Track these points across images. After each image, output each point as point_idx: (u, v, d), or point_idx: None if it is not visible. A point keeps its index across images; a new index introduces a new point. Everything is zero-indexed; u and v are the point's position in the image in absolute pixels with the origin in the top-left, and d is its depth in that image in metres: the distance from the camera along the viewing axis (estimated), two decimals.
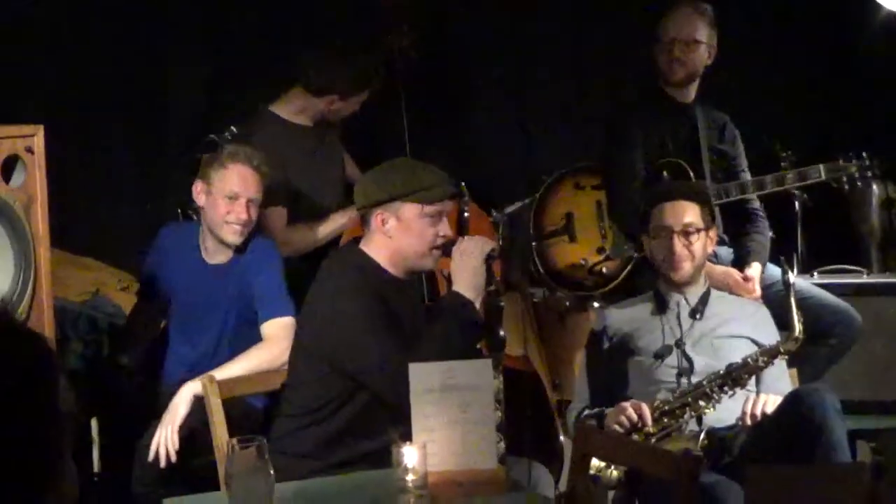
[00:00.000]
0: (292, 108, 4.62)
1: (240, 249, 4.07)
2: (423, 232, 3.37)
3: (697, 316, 3.85)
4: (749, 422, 3.57)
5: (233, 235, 4.02)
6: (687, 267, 3.86)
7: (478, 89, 5.59)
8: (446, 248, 3.42)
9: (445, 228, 3.40)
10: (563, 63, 5.61)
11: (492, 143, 5.61)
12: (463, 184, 3.75)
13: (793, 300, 3.75)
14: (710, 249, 3.97)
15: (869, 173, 4.60)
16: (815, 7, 5.56)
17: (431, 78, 5.24)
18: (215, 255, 4.10)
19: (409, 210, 3.36)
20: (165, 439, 3.70)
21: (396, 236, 3.38)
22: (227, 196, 3.99)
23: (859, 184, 4.62)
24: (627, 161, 4.53)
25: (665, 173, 4.53)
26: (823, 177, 4.56)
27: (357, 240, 3.49)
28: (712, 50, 4.57)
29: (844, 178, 4.57)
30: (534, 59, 5.61)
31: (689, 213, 3.87)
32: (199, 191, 4.05)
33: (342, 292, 3.34)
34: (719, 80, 4.69)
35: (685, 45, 4.52)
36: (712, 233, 3.94)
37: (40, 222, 3.53)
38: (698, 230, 3.86)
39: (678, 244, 3.84)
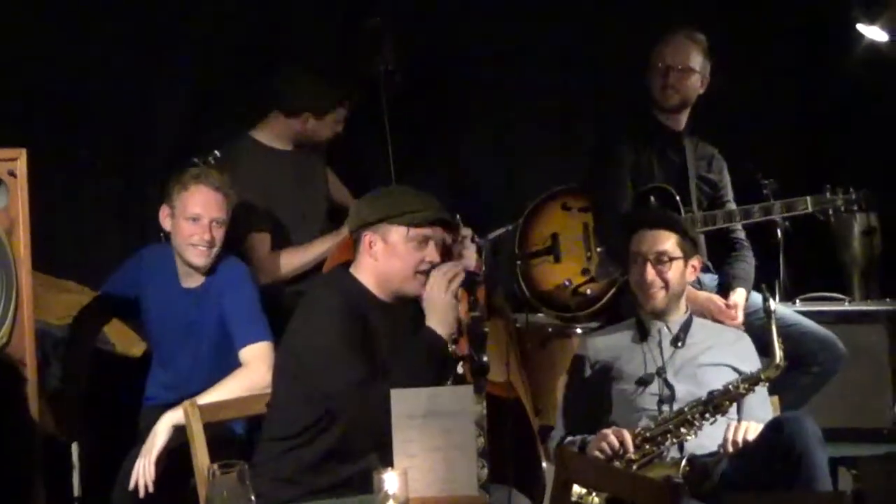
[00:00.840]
0: (271, 133, 4.62)
1: (211, 272, 4.06)
2: (408, 256, 3.38)
3: (679, 344, 3.85)
4: (731, 449, 3.57)
5: (198, 258, 4.01)
6: (660, 296, 3.87)
7: (463, 113, 5.59)
8: None
9: (432, 254, 3.41)
10: (550, 87, 5.62)
11: (476, 167, 5.61)
12: (458, 217, 3.76)
13: (774, 327, 3.76)
14: (691, 278, 3.98)
15: (854, 207, 4.60)
16: (799, 36, 5.60)
17: (416, 101, 5.24)
18: (188, 279, 4.09)
19: (395, 233, 3.38)
20: (144, 470, 3.69)
21: (382, 259, 3.39)
22: (190, 218, 3.97)
23: (843, 216, 4.64)
24: (616, 183, 4.55)
25: (652, 198, 4.54)
26: (810, 209, 4.56)
27: (347, 264, 3.51)
28: (705, 79, 4.60)
29: (830, 211, 4.58)
30: (520, 82, 5.62)
31: (665, 242, 3.88)
32: (164, 215, 4.05)
33: (321, 315, 3.34)
34: (704, 107, 4.71)
35: (679, 73, 4.54)
36: (694, 261, 3.95)
37: (22, 246, 3.52)
38: (672, 259, 3.87)
39: (650, 272, 3.86)
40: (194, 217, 3.97)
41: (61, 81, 4.98)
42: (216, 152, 4.38)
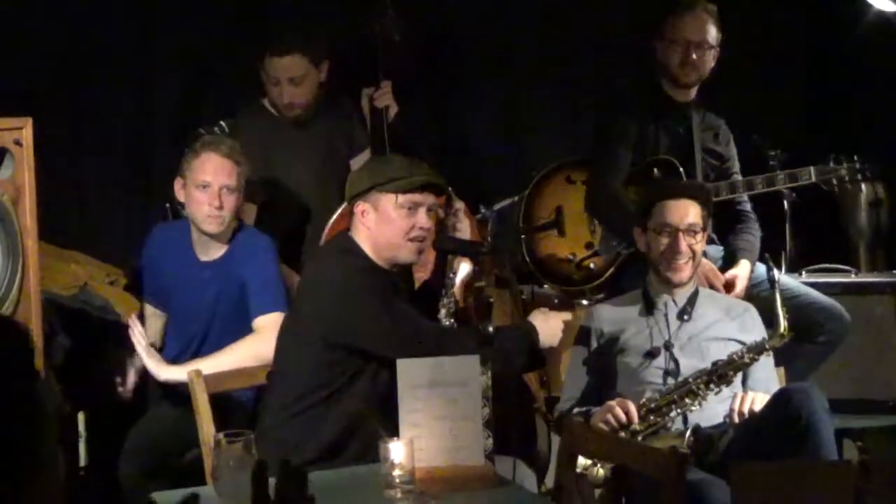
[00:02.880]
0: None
1: (231, 243, 4.05)
2: (398, 222, 3.42)
3: (685, 317, 3.84)
4: (737, 419, 3.57)
5: (209, 225, 4.00)
6: (688, 268, 3.85)
7: (466, 83, 5.57)
8: (436, 245, 3.47)
9: (423, 220, 3.44)
10: (553, 56, 5.59)
11: (480, 138, 5.59)
12: (450, 189, 3.75)
13: (778, 297, 3.74)
14: (703, 248, 3.97)
15: (859, 176, 4.55)
16: (806, 6, 5.57)
17: (417, 70, 5.22)
18: (207, 251, 4.09)
19: (385, 200, 3.42)
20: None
21: (374, 227, 3.43)
22: (200, 185, 3.97)
23: (849, 186, 4.59)
24: (614, 155, 4.52)
25: (656, 170, 4.52)
26: (814, 179, 4.50)
27: (347, 231, 3.53)
28: (717, 51, 4.56)
29: (834, 181, 4.53)
30: (524, 52, 5.59)
31: (693, 213, 3.85)
32: (179, 187, 4.05)
33: (352, 277, 3.39)
34: (710, 78, 4.68)
35: (700, 50, 4.48)
36: (706, 231, 3.94)
37: (28, 215, 3.53)
38: (701, 230, 3.86)
39: (683, 243, 3.83)
40: (204, 184, 3.97)
41: (66, 50, 4.96)
42: (222, 123, 4.37)
